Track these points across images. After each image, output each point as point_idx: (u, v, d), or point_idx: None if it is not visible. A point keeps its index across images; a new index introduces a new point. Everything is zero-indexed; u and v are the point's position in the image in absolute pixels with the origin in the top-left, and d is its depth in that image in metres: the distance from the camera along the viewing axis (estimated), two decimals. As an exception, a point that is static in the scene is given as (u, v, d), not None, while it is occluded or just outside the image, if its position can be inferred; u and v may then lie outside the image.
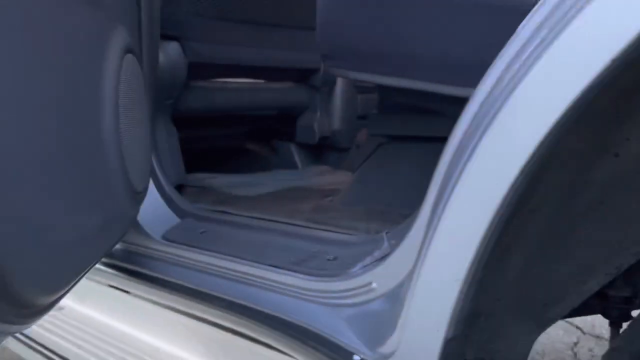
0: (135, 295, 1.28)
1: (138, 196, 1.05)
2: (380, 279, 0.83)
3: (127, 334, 1.36)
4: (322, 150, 2.11)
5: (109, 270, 1.28)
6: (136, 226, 1.25)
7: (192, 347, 1.20)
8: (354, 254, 0.97)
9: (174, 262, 1.18)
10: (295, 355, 0.92)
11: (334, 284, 0.91)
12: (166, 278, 1.16)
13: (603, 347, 2.20)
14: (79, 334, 1.38)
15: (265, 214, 1.23)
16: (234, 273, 1.07)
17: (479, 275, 0.66)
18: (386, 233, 0.94)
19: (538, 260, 0.80)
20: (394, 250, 0.86)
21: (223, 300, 1.05)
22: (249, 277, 1.04)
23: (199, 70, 1.59)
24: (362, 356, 0.78)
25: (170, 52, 1.49)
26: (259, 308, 0.99)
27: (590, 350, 2.18)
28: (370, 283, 0.84)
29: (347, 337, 0.84)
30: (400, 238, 0.91)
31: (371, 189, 1.34)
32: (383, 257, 0.91)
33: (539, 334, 0.96)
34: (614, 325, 0.99)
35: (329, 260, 0.98)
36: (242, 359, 1.09)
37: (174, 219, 1.29)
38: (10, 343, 1.50)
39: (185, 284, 1.13)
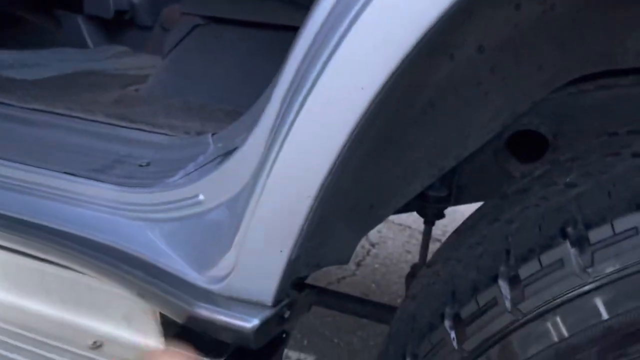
0: None
1: None
2: (208, 190, 0.71)
3: None
4: (118, 27, 1.79)
5: None
6: None
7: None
8: (172, 158, 0.83)
9: None
10: (103, 280, 0.77)
11: (149, 196, 0.76)
12: None
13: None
14: None
15: (52, 105, 0.98)
16: (12, 181, 0.85)
17: (328, 188, 0.59)
18: (212, 135, 0.81)
19: (371, 164, 0.76)
20: (226, 157, 0.74)
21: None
22: (35, 187, 0.83)
23: None
24: (188, 279, 0.68)
25: None
26: (50, 224, 0.80)
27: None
28: (196, 195, 0.72)
29: (167, 257, 0.72)
30: (228, 141, 0.80)
31: (185, 78, 1.16)
32: (209, 163, 0.79)
33: (362, 235, 0.96)
34: (428, 222, 1.04)
35: (140, 166, 0.82)
36: (32, 283, 0.90)
37: None
38: None
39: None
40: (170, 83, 1.15)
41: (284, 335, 0.77)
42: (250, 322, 0.62)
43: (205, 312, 0.64)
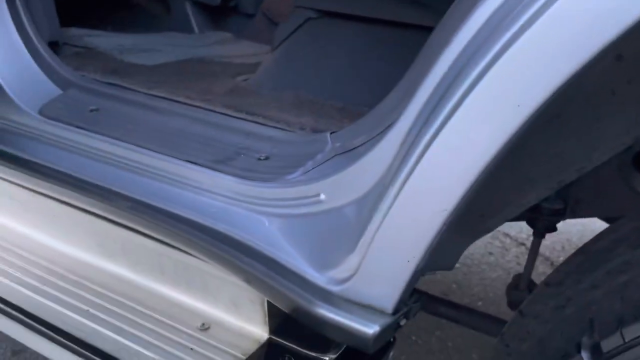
0: (10, 182, 1.05)
1: None
2: (331, 190, 0.71)
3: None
4: (222, 14, 1.84)
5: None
6: (2, 95, 0.99)
7: (80, 241, 1.03)
8: (290, 154, 0.84)
9: (57, 145, 0.96)
10: (222, 267, 0.80)
11: (269, 190, 0.78)
12: (49, 164, 0.95)
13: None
14: None
15: (172, 93, 1.02)
16: (138, 165, 0.89)
17: (464, 202, 0.57)
18: (330, 133, 0.82)
19: (493, 175, 0.74)
20: (347, 157, 0.75)
21: (124, 196, 0.88)
22: (159, 172, 0.87)
23: None
24: (307, 277, 0.69)
25: None
26: (172, 209, 0.84)
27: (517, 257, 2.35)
28: (317, 194, 0.73)
29: (284, 251, 0.73)
30: (347, 141, 0.80)
31: (295, 71, 1.17)
32: (327, 161, 0.79)
33: (470, 243, 0.94)
34: (538, 235, 1.00)
35: (259, 160, 0.84)
36: (149, 263, 0.95)
37: (54, 90, 1.03)
38: None
39: (72, 173, 0.93)
40: (280, 76, 1.17)
41: (392, 340, 0.77)
42: (371, 329, 0.62)
43: (325, 312, 0.65)
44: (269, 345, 0.86)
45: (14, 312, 0.90)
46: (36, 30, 1.06)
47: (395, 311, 0.63)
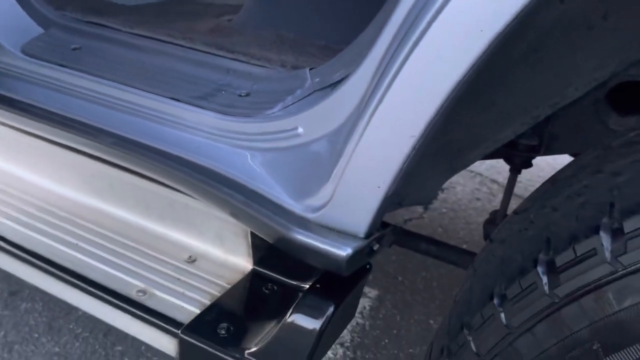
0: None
1: None
2: (307, 123, 0.73)
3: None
4: None
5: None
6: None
7: (68, 179, 1.06)
8: (270, 90, 0.85)
9: (40, 83, 0.97)
10: (204, 200, 0.83)
11: (249, 125, 0.80)
12: (30, 102, 0.96)
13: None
14: None
15: (154, 32, 1.02)
16: (121, 103, 0.90)
17: (431, 129, 0.60)
18: (310, 69, 0.83)
19: (465, 106, 0.76)
20: (324, 91, 0.76)
21: (108, 133, 0.90)
22: (142, 109, 0.89)
23: None
24: (285, 206, 0.72)
25: None
26: (155, 145, 0.86)
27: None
28: (295, 128, 0.75)
29: (265, 183, 0.76)
30: (326, 76, 0.81)
31: (277, 10, 1.17)
32: (306, 96, 0.81)
33: (447, 178, 0.97)
34: (514, 170, 1.03)
35: (240, 96, 0.85)
36: (135, 199, 0.98)
37: (35, 29, 1.03)
38: None
39: (56, 111, 0.94)
40: (262, 14, 1.16)
41: (368, 267, 0.81)
42: (344, 251, 0.65)
43: (302, 237, 0.68)
44: (252, 275, 0.90)
45: (10, 248, 0.93)
46: None
47: (368, 235, 0.67)
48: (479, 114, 0.87)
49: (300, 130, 0.74)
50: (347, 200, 0.66)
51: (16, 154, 1.09)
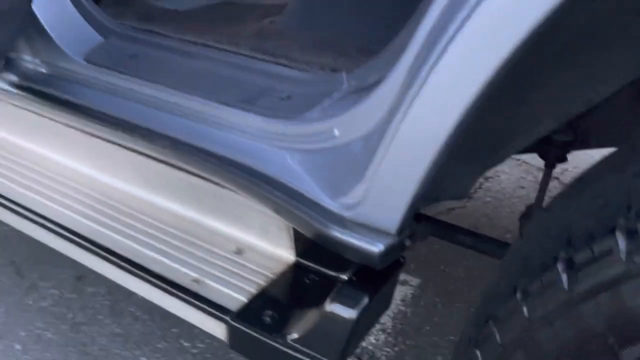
0: (57, 122, 1.17)
1: None
2: (343, 125, 0.79)
3: (50, 159, 1.27)
4: None
5: (25, 94, 1.13)
6: (51, 44, 1.09)
7: (129, 176, 1.15)
8: (309, 93, 0.91)
9: (101, 89, 1.06)
10: (250, 198, 0.90)
11: (290, 127, 0.86)
12: (93, 107, 1.05)
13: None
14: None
15: (203, 38, 1.10)
16: (174, 106, 0.98)
17: (460, 129, 0.63)
18: (347, 74, 0.88)
19: (498, 104, 0.79)
20: (360, 94, 0.81)
21: (162, 135, 0.98)
22: (193, 112, 0.96)
23: None
24: (323, 204, 0.78)
25: None
26: (204, 146, 0.93)
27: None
28: (331, 129, 0.80)
29: (304, 183, 0.82)
30: (361, 79, 0.86)
31: (317, 11, 1.22)
32: (342, 99, 0.86)
33: (482, 173, 1.00)
34: (549, 165, 1.05)
35: (282, 99, 0.91)
36: (187, 194, 1.06)
37: (96, 37, 1.12)
38: None
39: (116, 115, 1.03)
40: (304, 16, 1.22)
41: (402, 260, 0.86)
42: (377, 247, 0.71)
43: (338, 234, 0.74)
44: (295, 267, 0.96)
45: (78, 240, 1.03)
46: None
47: (399, 232, 0.71)
48: (511, 111, 0.89)
49: (336, 132, 0.80)
50: (379, 199, 0.71)
51: (82, 152, 1.20)
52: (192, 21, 1.24)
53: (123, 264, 0.97)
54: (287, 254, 0.99)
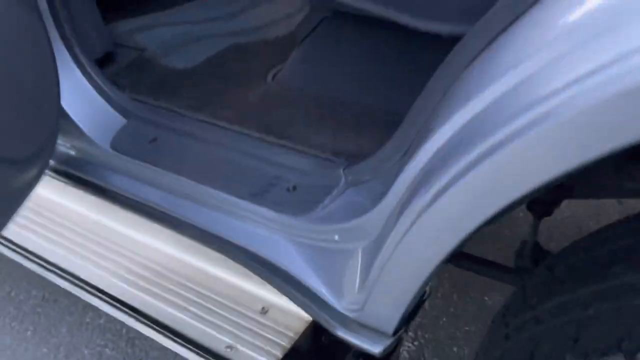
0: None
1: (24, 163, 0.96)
2: (343, 233, 0.90)
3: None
4: None
5: (58, 176, 1.26)
6: (79, 132, 1.20)
7: (166, 241, 1.29)
8: (311, 184, 1.01)
9: (126, 174, 1.18)
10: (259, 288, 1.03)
11: (297, 221, 0.97)
12: (118, 191, 1.18)
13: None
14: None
15: (214, 114, 1.20)
16: (191, 194, 1.10)
17: (450, 254, 0.73)
18: (344, 169, 0.98)
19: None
20: (359, 193, 0.91)
21: (182, 221, 1.11)
22: (209, 201, 1.08)
23: None
24: (329, 302, 0.91)
25: None
26: (219, 233, 1.06)
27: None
28: (332, 233, 0.92)
29: (312, 279, 0.94)
30: (357, 175, 0.96)
31: (318, 69, 1.29)
32: (340, 195, 0.96)
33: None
34: (538, 218, 1.14)
35: (288, 190, 1.02)
36: (214, 254, 1.18)
37: (119, 120, 1.23)
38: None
39: (139, 198, 1.16)
40: (305, 74, 1.29)
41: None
42: (376, 348, 0.84)
43: (343, 334, 0.87)
44: (313, 325, 1.10)
45: (123, 307, 1.19)
46: (95, 68, 1.23)
47: (395, 333, 0.84)
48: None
49: (336, 237, 0.91)
50: (379, 306, 0.83)
51: (122, 218, 1.34)
52: (201, 85, 1.33)
53: (164, 332, 1.13)
54: (307, 315, 1.13)
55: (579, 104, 0.55)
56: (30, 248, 1.33)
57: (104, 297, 1.22)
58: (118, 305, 1.20)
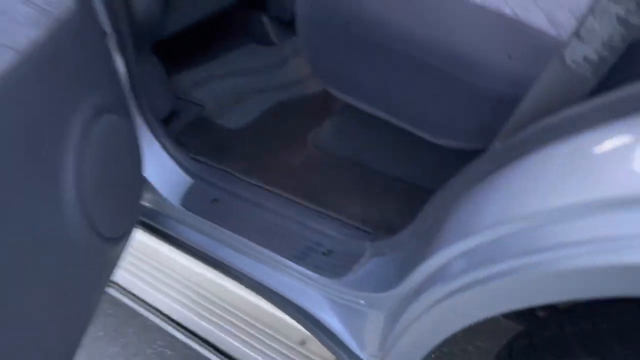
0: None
1: (112, 242, 1.15)
2: (368, 300, 1.15)
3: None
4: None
5: (142, 228, 1.54)
6: (154, 191, 1.47)
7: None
8: (344, 251, 1.26)
9: (193, 228, 1.45)
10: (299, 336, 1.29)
11: (331, 282, 1.23)
12: (187, 242, 1.46)
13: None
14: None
15: (259, 175, 1.45)
16: (246, 250, 1.36)
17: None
18: (370, 241, 1.22)
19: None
20: (382, 265, 1.16)
21: (239, 272, 1.37)
22: (262, 257, 1.34)
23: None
24: (356, 354, 1.16)
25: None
26: (268, 284, 1.32)
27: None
28: (359, 298, 1.16)
29: (344, 334, 1.20)
30: (381, 250, 1.20)
31: (353, 137, 1.53)
32: (366, 264, 1.21)
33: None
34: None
35: (324, 254, 1.27)
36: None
37: (187, 180, 1.49)
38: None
39: (202, 249, 1.43)
40: (341, 141, 1.53)
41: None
42: None
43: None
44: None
45: (186, 333, 1.48)
46: (165, 135, 1.49)
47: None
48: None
49: (362, 302, 1.16)
50: (393, 361, 1.08)
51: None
52: (250, 146, 1.59)
53: (218, 353, 1.42)
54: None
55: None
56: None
57: (168, 321, 1.51)
58: (179, 328, 1.49)
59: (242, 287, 1.52)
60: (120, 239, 1.19)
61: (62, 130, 0.93)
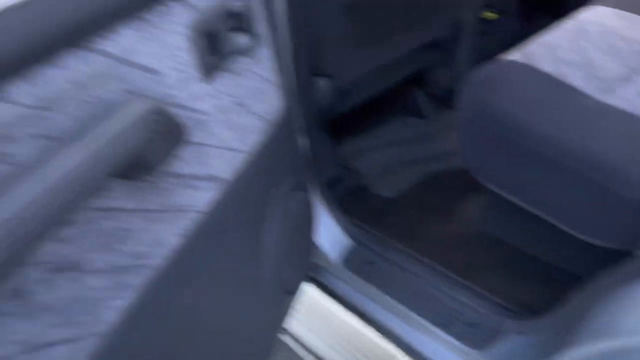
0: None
1: (289, 295, 1.37)
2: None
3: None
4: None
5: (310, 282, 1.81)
6: (321, 253, 1.72)
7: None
8: (485, 326, 1.40)
9: (354, 287, 1.68)
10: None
11: (474, 352, 1.37)
12: (347, 299, 1.68)
13: None
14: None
15: (410, 244, 1.64)
16: (397, 312, 1.55)
17: None
18: (512, 320, 1.35)
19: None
20: (518, 344, 1.29)
21: (389, 331, 1.56)
22: (410, 320, 1.52)
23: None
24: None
25: (321, 88, 1.73)
26: (418, 349, 1.49)
27: None
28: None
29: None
30: (522, 329, 1.33)
31: (506, 218, 1.67)
32: (503, 346, 1.34)
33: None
34: None
35: (468, 325, 1.42)
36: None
37: (347, 242, 1.73)
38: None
39: (359, 307, 1.65)
40: (491, 219, 1.68)
41: None
42: None
43: None
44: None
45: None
46: (325, 186, 1.74)
47: None
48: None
49: (496, 374, 1.29)
50: None
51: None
52: (404, 215, 1.79)
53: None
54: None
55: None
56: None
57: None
58: None
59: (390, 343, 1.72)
60: (293, 292, 1.45)
61: (265, 206, 1.21)
